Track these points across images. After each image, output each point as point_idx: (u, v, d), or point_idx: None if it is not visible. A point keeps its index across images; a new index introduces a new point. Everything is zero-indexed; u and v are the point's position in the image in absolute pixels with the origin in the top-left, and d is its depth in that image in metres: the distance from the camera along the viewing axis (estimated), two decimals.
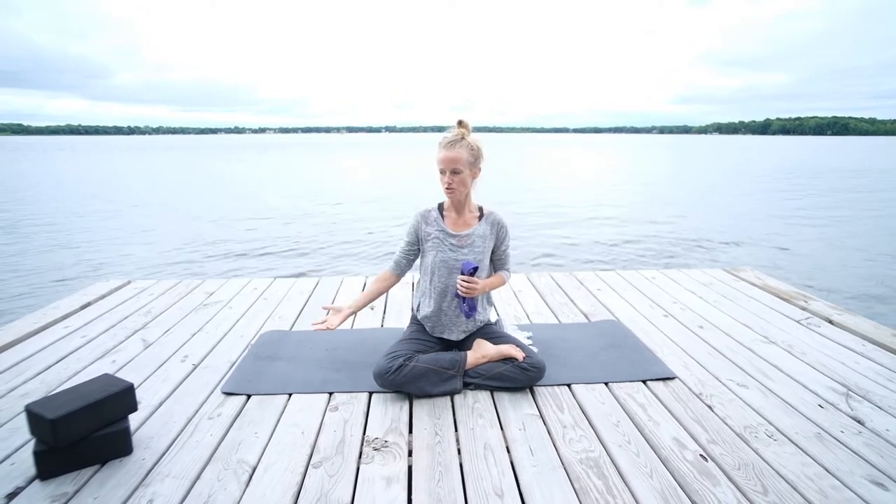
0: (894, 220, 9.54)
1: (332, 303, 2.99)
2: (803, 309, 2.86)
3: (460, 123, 1.97)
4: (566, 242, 7.66)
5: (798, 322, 2.67)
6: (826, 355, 2.28)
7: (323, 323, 2.06)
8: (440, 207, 2.12)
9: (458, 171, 1.94)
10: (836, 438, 1.66)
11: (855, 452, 1.58)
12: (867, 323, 2.63)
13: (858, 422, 1.76)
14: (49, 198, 12.79)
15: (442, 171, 1.96)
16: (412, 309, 2.20)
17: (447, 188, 1.97)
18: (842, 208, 11.18)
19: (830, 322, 2.67)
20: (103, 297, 3.10)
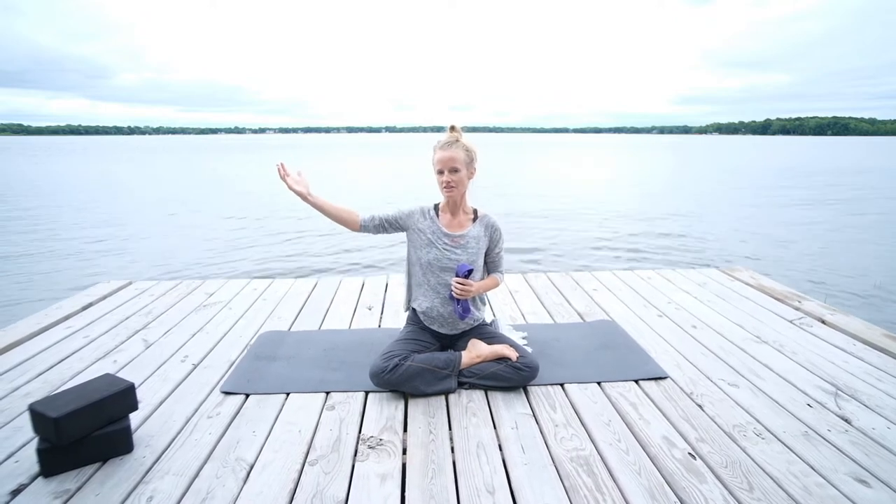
0: (892, 224, 9.55)
1: (329, 305, 3.03)
2: (796, 309, 2.89)
3: (453, 128, 2.03)
4: (563, 243, 7.69)
5: (791, 322, 2.70)
6: (817, 355, 2.31)
7: (285, 171, 1.98)
8: (436, 208, 2.16)
9: (457, 170, 2.00)
10: (822, 437, 1.69)
11: (840, 450, 1.62)
12: (859, 323, 2.66)
13: (846, 420, 1.79)
14: (47, 199, 12.84)
15: (440, 171, 2.01)
16: (405, 307, 2.25)
17: (446, 187, 2.02)
18: (841, 208, 11.20)
19: (823, 322, 2.70)
20: (105, 297, 3.14)
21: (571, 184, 17.02)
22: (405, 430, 1.75)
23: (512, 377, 1.97)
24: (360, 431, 1.73)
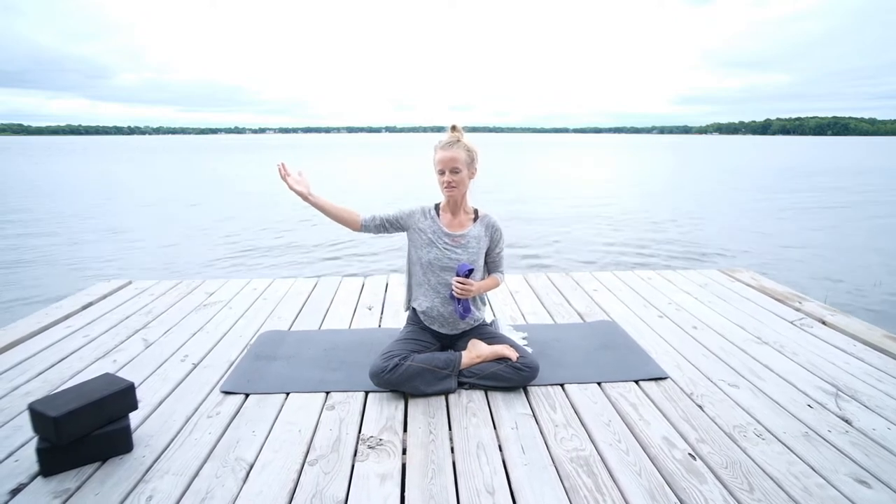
0: (893, 225, 9.54)
1: (329, 305, 3.03)
2: (797, 310, 2.89)
3: (454, 128, 2.03)
4: (563, 243, 7.68)
5: (791, 323, 2.70)
6: (817, 356, 2.30)
7: (285, 171, 2.00)
8: (436, 207, 2.16)
9: (458, 171, 2.00)
10: (823, 437, 1.69)
11: (841, 451, 1.61)
12: (859, 324, 2.65)
13: (846, 421, 1.78)
14: (47, 199, 12.84)
15: (441, 172, 2.02)
16: (405, 307, 2.25)
17: (447, 187, 2.02)
18: (841, 208, 11.20)
19: (823, 323, 2.70)
20: (105, 297, 3.14)
21: (572, 184, 17.02)
22: (405, 430, 1.74)
23: (512, 377, 1.97)
24: (359, 431, 1.73)
